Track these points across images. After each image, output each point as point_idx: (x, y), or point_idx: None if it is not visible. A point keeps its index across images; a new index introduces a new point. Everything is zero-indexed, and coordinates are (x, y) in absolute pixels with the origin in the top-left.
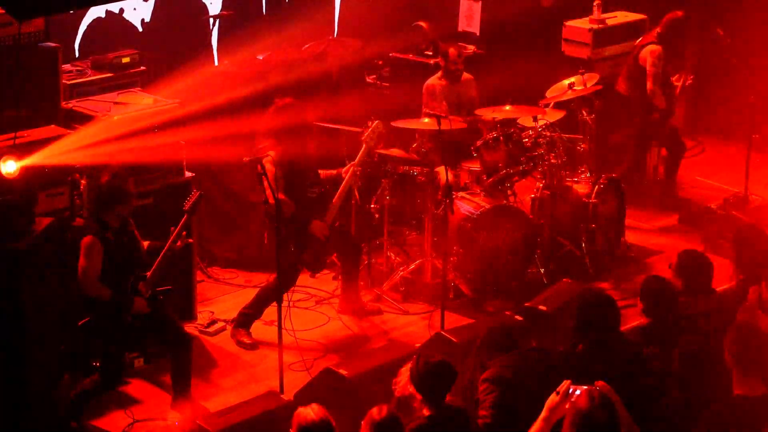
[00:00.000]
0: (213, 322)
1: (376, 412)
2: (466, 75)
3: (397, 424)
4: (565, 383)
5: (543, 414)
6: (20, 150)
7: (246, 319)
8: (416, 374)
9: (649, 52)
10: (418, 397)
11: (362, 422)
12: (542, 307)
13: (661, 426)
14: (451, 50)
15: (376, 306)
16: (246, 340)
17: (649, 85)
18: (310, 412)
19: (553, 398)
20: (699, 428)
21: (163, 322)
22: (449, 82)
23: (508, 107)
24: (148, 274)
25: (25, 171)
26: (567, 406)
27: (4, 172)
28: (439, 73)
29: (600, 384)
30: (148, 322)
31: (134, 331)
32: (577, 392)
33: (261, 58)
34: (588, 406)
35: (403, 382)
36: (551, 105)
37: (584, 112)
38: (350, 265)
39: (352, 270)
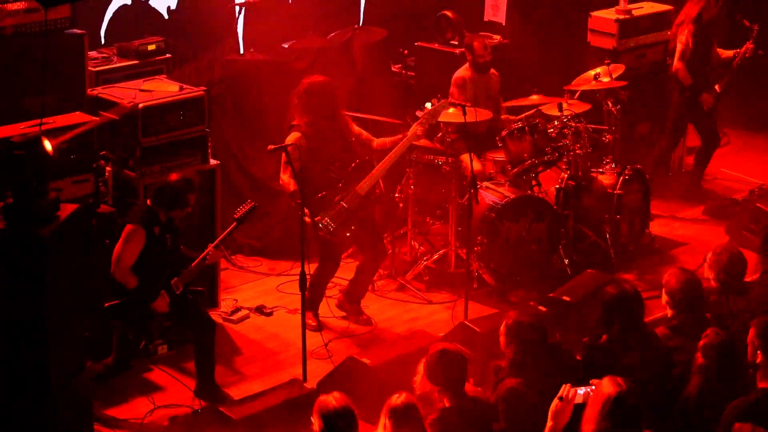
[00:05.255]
0: (236, 309)
1: (394, 399)
2: (492, 70)
3: (415, 411)
4: (565, 387)
5: (548, 423)
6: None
7: (310, 304)
8: (427, 366)
9: (680, 30)
10: (436, 388)
11: (381, 410)
12: (566, 298)
13: (683, 417)
14: (476, 43)
15: (368, 317)
16: (311, 322)
17: (675, 61)
18: (332, 399)
19: (555, 404)
20: (723, 421)
21: (186, 310)
22: (478, 74)
23: (534, 97)
24: (185, 271)
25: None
26: (571, 408)
27: (48, 148)
28: (467, 65)
29: (594, 382)
30: (172, 313)
31: (155, 321)
32: (580, 391)
33: (286, 46)
34: (617, 390)
35: (419, 379)
36: (577, 94)
37: (609, 103)
38: (369, 264)
39: (368, 269)
